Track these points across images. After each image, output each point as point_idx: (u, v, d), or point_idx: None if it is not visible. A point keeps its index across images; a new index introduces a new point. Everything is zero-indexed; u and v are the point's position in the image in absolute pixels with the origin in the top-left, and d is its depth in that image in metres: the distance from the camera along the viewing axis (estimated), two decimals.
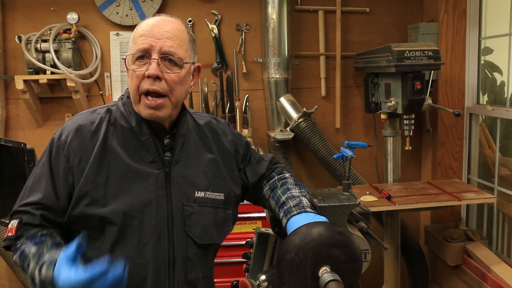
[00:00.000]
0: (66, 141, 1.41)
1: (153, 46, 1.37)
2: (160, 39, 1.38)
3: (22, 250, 1.32)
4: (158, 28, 1.39)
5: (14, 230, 1.36)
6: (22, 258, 1.32)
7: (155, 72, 1.36)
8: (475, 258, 3.04)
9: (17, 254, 1.34)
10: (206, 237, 1.47)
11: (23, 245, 1.33)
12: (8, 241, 1.37)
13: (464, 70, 3.42)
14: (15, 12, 3.37)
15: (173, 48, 1.39)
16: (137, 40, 1.39)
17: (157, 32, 1.38)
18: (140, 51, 1.38)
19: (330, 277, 1.23)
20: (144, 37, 1.38)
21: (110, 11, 3.37)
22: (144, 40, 1.38)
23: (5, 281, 3.52)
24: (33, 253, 1.29)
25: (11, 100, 3.43)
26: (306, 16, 3.57)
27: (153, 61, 1.37)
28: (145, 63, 1.38)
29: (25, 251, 1.31)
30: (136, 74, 1.39)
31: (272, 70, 3.42)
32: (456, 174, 3.48)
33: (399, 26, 3.63)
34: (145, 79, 1.37)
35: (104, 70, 3.46)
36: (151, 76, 1.36)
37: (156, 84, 1.37)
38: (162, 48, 1.38)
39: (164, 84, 1.38)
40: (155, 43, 1.37)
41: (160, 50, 1.37)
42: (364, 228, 1.62)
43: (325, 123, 3.64)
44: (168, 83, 1.39)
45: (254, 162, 1.65)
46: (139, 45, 1.38)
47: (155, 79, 1.37)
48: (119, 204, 1.37)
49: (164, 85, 1.38)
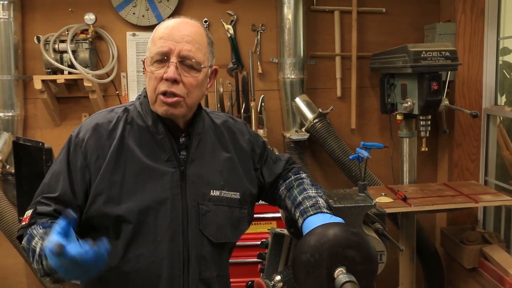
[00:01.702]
0: (83, 139, 1.42)
1: (172, 50, 1.38)
2: (180, 43, 1.38)
3: (30, 233, 1.32)
4: (178, 31, 1.40)
5: (28, 219, 1.37)
6: (28, 239, 1.31)
7: (173, 76, 1.37)
8: (492, 261, 3.01)
9: (25, 238, 1.34)
10: (221, 236, 1.48)
11: (33, 230, 1.32)
12: (21, 230, 1.38)
13: (481, 70, 3.38)
14: (34, 13, 3.41)
15: (192, 52, 1.40)
16: (156, 42, 1.40)
17: (176, 35, 1.39)
18: (159, 54, 1.39)
19: (345, 278, 1.22)
20: (163, 40, 1.39)
21: (127, 12, 3.40)
22: (164, 43, 1.38)
23: (23, 278, 3.57)
24: (40, 234, 1.28)
25: (30, 100, 3.48)
26: (322, 16, 3.56)
27: (171, 64, 1.37)
28: (164, 65, 1.39)
29: (33, 233, 1.31)
30: (154, 75, 1.40)
31: (287, 71, 3.42)
32: (473, 175, 3.44)
33: (416, 27, 3.60)
34: (163, 81, 1.38)
35: (121, 70, 3.49)
36: (169, 79, 1.37)
37: (174, 87, 1.38)
38: (181, 52, 1.38)
39: (182, 87, 1.39)
40: (174, 47, 1.38)
41: (178, 53, 1.38)
42: (379, 229, 1.61)
43: (341, 124, 3.63)
44: (185, 86, 1.40)
45: (271, 162, 1.65)
46: (158, 47, 1.39)
47: (173, 82, 1.38)
48: (134, 202, 1.38)
49: (182, 88, 1.39)
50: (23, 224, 1.38)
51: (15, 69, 3.34)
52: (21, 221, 1.40)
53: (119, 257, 1.39)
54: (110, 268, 1.38)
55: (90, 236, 1.42)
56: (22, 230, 1.38)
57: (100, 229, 1.41)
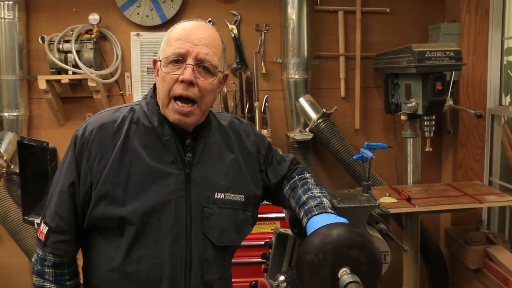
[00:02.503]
0: (89, 140, 1.41)
1: (190, 52, 1.37)
2: (197, 45, 1.38)
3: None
4: (195, 33, 1.40)
5: (44, 236, 1.44)
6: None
7: (190, 78, 1.36)
8: (496, 261, 3.00)
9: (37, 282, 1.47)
10: (224, 239, 1.47)
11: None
12: (39, 245, 1.46)
13: (486, 70, 3.37)
14: (38, 13, 3.42)
15: (209, 56, 1.39)
16: (173, 43, 1.39)
17: (194, 38, 1.39)
18: (176, 55, 1.38)
19: (349, 279, 1.22)
20: (181, 41, 1.38)
21: (131, 12, 3.40)
22: (181, 45, 1.38)
23: (27, 278, 3.58)
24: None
25: (34, 99, 3.49)
26: (326, 17, 3.56)
27: (188, 66, 1.37)
28: (179, 67, 1.38)
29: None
30: (169, 77, 1.38)
31: (291, 71, 3.42)
32: (477, 176, 3.43)
33: (420, 27, 3.60)
34: (178, 84, 1.37)
35: (125, 70, 3.49)
36: (185, 81, 1.36)
37: (190, 89, 1.37)
38: (199, 54, 1.38)
39: (197, 90, 1.38)
40: (192, 49, 1.37)
41: (196, 56, 1.38)
42: (383, 229, 1.61)
43: (345, 124, 3.63)
44: (200, 90, 1.39)
45: (276, 163, 1.64)
46: (175, 49, 1.38)
47: (189, 84, 1.37)
48: (138, 203, 1.38)
49: (197, 92, 1.38)
50: (40, 239, 1.44)
51: (20, 69, 3.35)
52: (38, 232, 1.46)
53: (121, 258, 1.39)
54: (113, 268, 1.40)
55: (93, 238, 1.44)
56: (39, 244, 1.44)
57: (103, 230, 1.41)
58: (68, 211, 1.41)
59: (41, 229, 1.44)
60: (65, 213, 1.41)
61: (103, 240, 1.42)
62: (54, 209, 1.42)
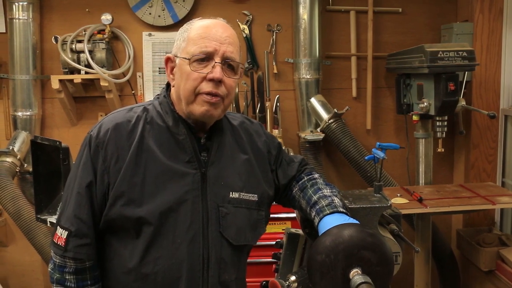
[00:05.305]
0: (104, 140, 1.40)
1: (217, 50, 1.39)
2: (223, 44, 1.39)
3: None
4: (218, 32, 1.41)
5: (64, 242, 1.39)
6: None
7: (220, 76, 1.38)
8: (509, 263, 2.97)
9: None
10: (241, 238, 1.47)
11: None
12: (56, 252, 1.42)
13: (499, 71, 3.34)
14: (52, 13, 3.45)
15: (234, 54, 1.42)
16: (197, 42, 1.39)
17: (219, 36, 1.40)
18: (204, 54, 1.38)
19: (361, 279, 1.22)
20: (207, 40, 1.39)
21: (143, 12, 3.42)
22: (208, 43, 1.39)
23: (40, 275, 3.62)
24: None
25: (47, 99, 3.52)
26: (338, 16, 3.55)
27: (217, 64, 1.38)
28: (205, 65, 1.39)
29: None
30: (196, 75, 1.39)
31: (303, 71, 3.42)
32: (490, 177, 3.41)
33: (432, 26, 3.58)
34: (206, 82, 1.38)
35: (137, 70, 3.51)
36: (216, 79, 1.37)
37: (219, 87, 1.39)
38: (225, 53, 1.39)
39: (224, 88, 1.40)
40: (219, 47, 1.39)
41: (223, 54, 1.39)
42: (395, 230, 1.61)
43: (356, 124, 3.61)
44: (226, 87, 1.41)
45: (285, 164, 1.64)
46: (202, 47, 1.39)
47: (218, 83, 1.38)
48: (155, 203, 1.37)
49: (224, 89, 1.40)
50: (59, 245, 1.40)
51: (33, 69, 3.38)
52: (55, 237, 1.42)
53: (138, 259, 1.38)
54: (128, 270, 1.39)
55: (107, 240, 1.44)
56: (58, 250, 1.40)
57: (118, 231, 1.41)
58: (88, 213, 1.39)
59: (58, 235, 1.40)
60: (85, 215, 1.39)
61: (118, 242, 1.41)
62: (72, 212, 1.39)
